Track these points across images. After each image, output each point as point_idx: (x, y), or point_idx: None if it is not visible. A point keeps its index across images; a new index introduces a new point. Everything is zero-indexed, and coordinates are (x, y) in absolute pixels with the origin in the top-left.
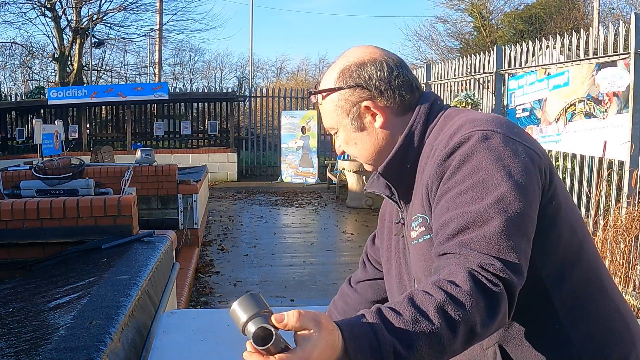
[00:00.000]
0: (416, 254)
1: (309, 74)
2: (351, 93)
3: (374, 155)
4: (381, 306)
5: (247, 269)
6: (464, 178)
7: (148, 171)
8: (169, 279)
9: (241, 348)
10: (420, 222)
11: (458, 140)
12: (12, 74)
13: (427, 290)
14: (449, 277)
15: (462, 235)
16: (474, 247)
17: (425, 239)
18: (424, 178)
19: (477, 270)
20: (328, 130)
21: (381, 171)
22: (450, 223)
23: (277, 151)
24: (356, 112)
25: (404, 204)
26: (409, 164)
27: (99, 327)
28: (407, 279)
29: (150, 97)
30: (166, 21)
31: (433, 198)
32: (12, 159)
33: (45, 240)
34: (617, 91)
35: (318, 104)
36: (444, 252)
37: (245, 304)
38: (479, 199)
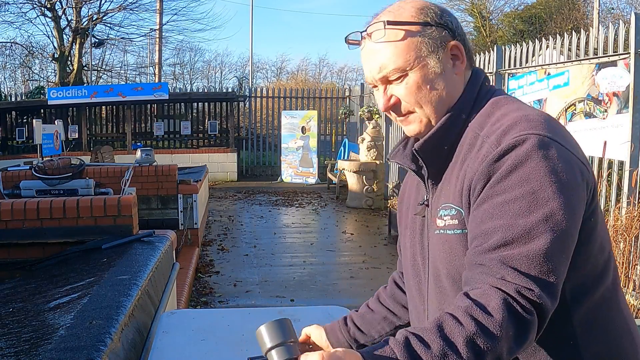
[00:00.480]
0: (440, 244)
1: (309, 74)
2: (437, 31)
3: (442, 103)
4: (409, 335)
5: (247, 269)
6: (513, 185)
7: (148, 171)
8: (169, 279)
9: (241, 348)
10: (453, 214)
11: (512, 141)
12: (12, 74)
13: (457, 317)
14: (481, 299)
15: (505, 250)
16: (515, 265)
17: (456, 233)
18: (467, 171)
19: (513, 297)
20: (387, 74)
21: (418, 147)
22: (493, 233)
23: (277, 151)
24: (441, 52)
25: (432, 184)
26: (447, 145)
27: (99, 327)
28: (420, 262)
29: (150, 97)
30: (166, 21)
31: (475, 197)
32: (12, 159)
33: (45, 240)
34: (617, 91)
35: (372, 41)
36: (482, 264)
37: (273, 330)
38: (527, 213)
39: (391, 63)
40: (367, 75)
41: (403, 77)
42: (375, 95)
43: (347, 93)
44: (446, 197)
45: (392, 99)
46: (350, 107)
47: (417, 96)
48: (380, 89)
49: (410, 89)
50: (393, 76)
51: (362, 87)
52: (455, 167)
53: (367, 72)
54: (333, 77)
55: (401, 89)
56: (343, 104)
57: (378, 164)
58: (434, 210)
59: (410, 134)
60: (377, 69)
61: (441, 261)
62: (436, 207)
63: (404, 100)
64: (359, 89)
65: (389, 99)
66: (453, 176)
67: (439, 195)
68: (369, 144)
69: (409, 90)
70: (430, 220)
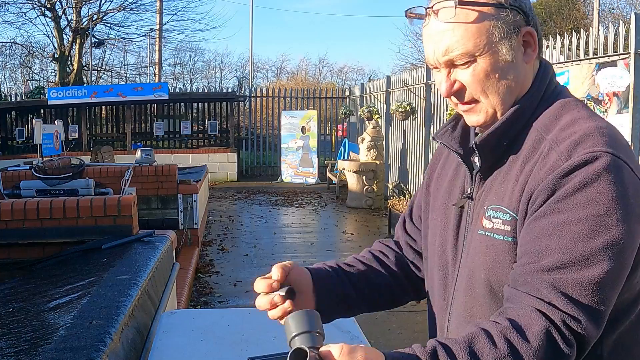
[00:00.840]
0: (483, 247)
1: (309, 74)
2: (511, 14)
3: (510, 94)
4: (437, 345)
5: (247, 269)
6: (578, 206)
7: (148, 171)
8: (169, 279)
9: (241, 348)
10: (507, 220)
11: (585, 157)
12: (12, 74)
13: (492, 336)
14: (522, 322)
15: (558, 273)
16: (567, 290)
17: (506, 240)
18: (531, 178)
19: (557, 326)
20: (453, 58)
21: (480, 141)
22: (549, 253)
23: (277, 151)
24: (514, 39)
25: (480, 178)
26: (508, 140)
27: (99, 327)
28: (450, 255)
29: (150, 97)
30: (166, 21)
31: (534, 209)
32: (12, 159)
33: (45, 240)
34: (617, 91)
35: (439, 20)
36: (531, 283)
37: (301, 319)
38: (588, 237)
39: (459, 46)
40: (430, 55)
41: (471, 62)
42: (436, 77)
43: (347, 93)
44: (498, 198)
45: (455, 85)
46: (350, 107)
47: (484, 85)
48: (442, 72)
49: (478, 77)
50: (460, 61)
51: (362, 87)
52: (513, 166)
53: (429, 52)
54: (333, 77)
55: (467, 75)
56: (343, 104)
57: (378, 164)
58: (479, 207)
59: (470, 124)
60: (442, 51)
61: (481, 265)
62: (482, 204)
63: (469, 88)
64: (359, 89)
65: (452, 84)
66: (510, 176)
67: (488, 192)
68: (369, 144)
69: (476, 77)
70: (472, 216)
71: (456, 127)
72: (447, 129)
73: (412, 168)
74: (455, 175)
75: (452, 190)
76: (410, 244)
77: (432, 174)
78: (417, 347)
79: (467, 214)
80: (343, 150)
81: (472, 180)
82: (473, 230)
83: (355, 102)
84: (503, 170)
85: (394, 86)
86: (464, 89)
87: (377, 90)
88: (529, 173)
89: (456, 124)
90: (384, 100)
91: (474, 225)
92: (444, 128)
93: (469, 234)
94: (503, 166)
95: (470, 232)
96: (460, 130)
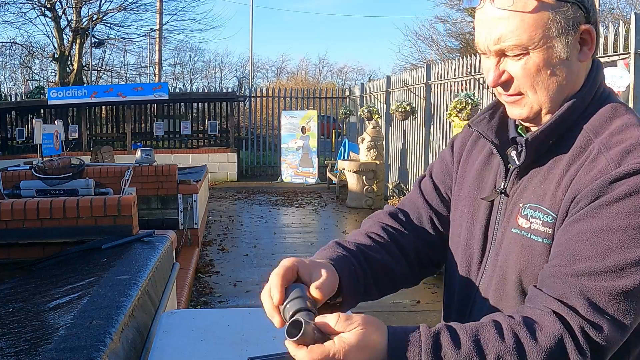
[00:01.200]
0: (518, 247)
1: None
2: (572, 9)
3: (560, 92)
4: (443, 328)
5: (247, 269)
6: (620, 215)
7: (148, 171)
8: (169, 279)
9: (241, 348)
10: (548, 222)
11: (635, 167)
12: (12, 74)
13: (502, 329)
14: (536, 319)
15: (588, 279)
16: (594, 297)
17: (545, 242)
18: (576, 181)
19: (572, 333)
20: (504, 48)
21: (532, 138)
22: (582, 259)
23: (277, 151)
24: (572, 35)
25: (516, 175)
26: (554, 139)
27: (99, 327)
28: (477, 249)
29: (150, 97)
30: (166, 21)
31: (575, 211)
32: (12, 159)
33: (45, 240)
34: (617, 91)
35: (495, 6)
36: (557, 286)
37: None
38: (625, 248)
39: (513, 37)
40: (481, 41)
41: (523, 55)
42: (483, 63)
43: (347, 93)
44: (538, 197)
45: (504, 75)
46: (350, 107)
47: (534, 80)
48: (491, 60)
49: (528, 71)
50: (511, 52)
51: (362, 87)
52: (556, 166)
53: (480, 37)
54: (333, 77)
55: (517, 67)
56: (343, 104)
57: (378, 164)
58: (514, 204)
59: (512, 116)
60: (494, 39)
61: (514, 266)
62: (517, 201)
63: (517, 80)
64: (359, 89)
65: (500, 75)
66: (552, 176)
67: (524, 189)
68: (369, 144)
69: (526, 71)
70: (504, 213)
71: (494, 116)
72: (484, 116)
73: (412, 168)
74: (485, 165)
75: (480, 181)
76: (435, 220)
77: (457, 156)
78: (423, 325)
79: (499, 209)
80: (343, 150)
81: (507, 175)
82: (505, 228)
83: (355, 102)
84: (543, 168)
85: (394, 86)
86: (512, 80)
87: (377, 90)
88: (573, 175)
89: (494, 113)
90: (384, 100)
91: (505, 222)
92: (481, 115)
93: (500, 230)
94: (544, 164)
95: (501, 229)
96: (498, 119)
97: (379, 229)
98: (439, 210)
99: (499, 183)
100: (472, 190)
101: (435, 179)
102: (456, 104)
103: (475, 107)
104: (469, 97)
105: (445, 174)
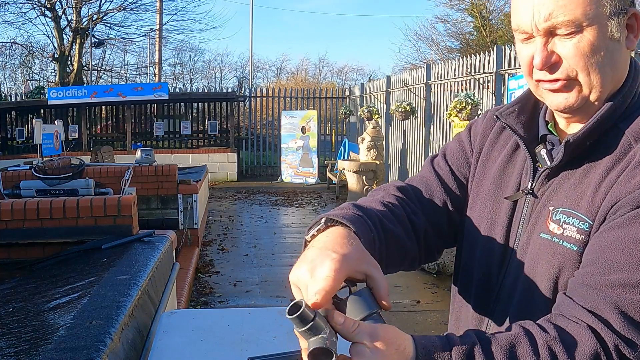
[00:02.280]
0: (549, 254)
1: (309, 74)
2: None
3: (611, 80)
4: (477, 341)
5: (247, 269)
6: None
7: (148, 171)
8: (169, 279)
9: (241, 348)
10: (584, 230)
11: None
12: (12, 74)
13: (537, 344)
14: (571, 336)
15: (623, 291)
16: (628, 311)
17: (579, 251)
18: (616, 188)
19: (607, 349)
20: (556, 24)
21: (575, 140)
22: (617, 269)
23: (277, 151)
24: (622, 18)
25: (546, 176)
26: (591, 141)
27: (99, 327)
28: (498, 251)
29: (150, 97)
30: (166, 21)
31: (613, 219)
32: (12, 159)
33: (45, 240)
34: None
35: None
36: (590, 297)
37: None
38: None
39: (567, 12)
40: (526, 19)
41: (575, 33)
42: (524, 50)
43: (347, 93)
44: (572, 202)
45: (553, 57)
46: (350, 107)
47: (589, 60)
48: (537, 42)
49: (582, 50)
50: (564, 29)
51: (362, 87)
52: (592, 170)
53: (526, 15)
54: (333, 77)
55: (570, 47)
56: (343, 104)
57: (378, 164)
58: (543, 206)
59: (554, 106)
60: (545, 16)
61: (545, 273)
62: (547, 203)
63: (568, 61)
64: (359, 89)
65: (549, 55)
66: (589, 181)
67: (554, 192)
68: (369, 143)
69: (580, 50)
70: (530, 215)
71: (523, 111)
72: (514, 109)
73: (412, 168)
74: (508, 162)
75: (502, 179)
76: (448, 201)
77: (479, 147)
78: (453, 339)
79: (524, 211)
80: (343, 150)
81: (536, 175)
82: (532, 232)
83: (355, 102)
84: (577, 171)
85: (394, 86)
86: (561, 62)
87: (377, 90)
88: (613, 181)
89: (523, 107)
90: (384, 100)
91: (532, 225)
92: (510, 108)
93: (524, 234)
94: (577, 167)
95: (527, 233)
96: (527, 114)
97: (394, 199)
98: (454, 192)
99: (524, 182)
100: (493, 188)
101: (451, 161)
102: (456, 104)
103: (475, 107)
104: (469, 97)
105: (462, 160)
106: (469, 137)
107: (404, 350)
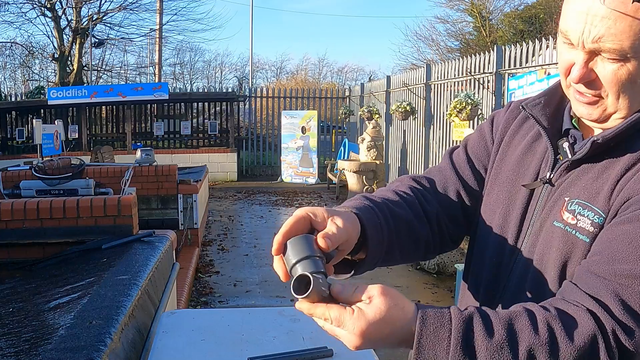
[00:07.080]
0: (561, 242)
1: (309, 73)
2: None
3: (636, 105)
4: (475, 314)
5: (247, 269)
6: None
7: (148, 171)
8: (169, 279)
9: (241, 348)
10: (597, 223)
11: None
12: (12, 74)
13: (537, 320)
14: (571, 317)
15: (626, 280)
16: (629, 299)
17: (591, 244)
18: (630, 186)
19: (605, 333)
20: (601, 49)
21: (603, 139)
22: (623, 260)
23: (277, 151)
24: None
25: (565, 168)
26: (615, 143)
27: (99, 327)
28: (511, 236)
29: (150, 97)
30: (166, 21)
31: (623, 214)
32: (12, 159)
33: (45, 240)
34: None
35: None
36: (593, 284)
37: (297, 245)
38: None
39: (615, 41)
40: (573, 33)
41: (618, 60)
42: (565, 53)
43: (347, 93)
44: (589, 195)
45: (591, 74)
46: (350, 107)
47: (623, 87)
48: (579, 55)
49: (619, 78)
50: (608, 54)
51: (362, 87)
52: (612, 166)
53: (576, 30)
54: (333, 77)
55: (609, 71)
56: (343, 104)
57: (378, 164)
58: (559, 196)
59: (578, 114)
60: (592, 37)
61: (556, 260)
62: (563, 193)
63: (604, 83)
64: (359, 89)
65: (587, 73)
66: (607, 176)
67: (572, 183)
68: (369, 144)
69: (617, 77)
70: (545, 203)
71: (549, 103)
72: (540, 101)
73: (412, 168)
74: (528, 151)
75: (521, 167)
76: (462, 192)
77: (500, 135)
78: (454, 308)
79: (540, 199)
80: (343, 150)
81: (555, 166)
82: (545, 219)
83: (355, 102)
84: (597, 166)
85: (394, 86)
86: (596, 81)
87: (377, 90)
88: (629, 178)
89: (549, 100)
90: (384, 100)
91: (546, 213)
92: (536, 99)
93: (538, 221)
94: (598, 162)
95: (540, 220)
96: (553, 107)
97: (407, 188)
98: (469, 183)
99: (543, 172)
100: (511, 176)
101: (470, 152)
102: (456, 104)
103: (475, 107)
104: (469, 97)
105: (482, 150)
106: (490, 127)
107: (403, 308)
